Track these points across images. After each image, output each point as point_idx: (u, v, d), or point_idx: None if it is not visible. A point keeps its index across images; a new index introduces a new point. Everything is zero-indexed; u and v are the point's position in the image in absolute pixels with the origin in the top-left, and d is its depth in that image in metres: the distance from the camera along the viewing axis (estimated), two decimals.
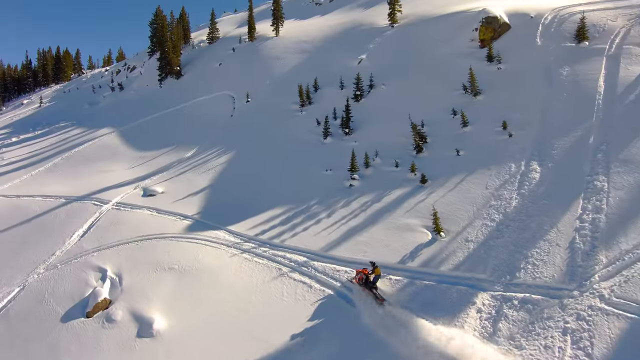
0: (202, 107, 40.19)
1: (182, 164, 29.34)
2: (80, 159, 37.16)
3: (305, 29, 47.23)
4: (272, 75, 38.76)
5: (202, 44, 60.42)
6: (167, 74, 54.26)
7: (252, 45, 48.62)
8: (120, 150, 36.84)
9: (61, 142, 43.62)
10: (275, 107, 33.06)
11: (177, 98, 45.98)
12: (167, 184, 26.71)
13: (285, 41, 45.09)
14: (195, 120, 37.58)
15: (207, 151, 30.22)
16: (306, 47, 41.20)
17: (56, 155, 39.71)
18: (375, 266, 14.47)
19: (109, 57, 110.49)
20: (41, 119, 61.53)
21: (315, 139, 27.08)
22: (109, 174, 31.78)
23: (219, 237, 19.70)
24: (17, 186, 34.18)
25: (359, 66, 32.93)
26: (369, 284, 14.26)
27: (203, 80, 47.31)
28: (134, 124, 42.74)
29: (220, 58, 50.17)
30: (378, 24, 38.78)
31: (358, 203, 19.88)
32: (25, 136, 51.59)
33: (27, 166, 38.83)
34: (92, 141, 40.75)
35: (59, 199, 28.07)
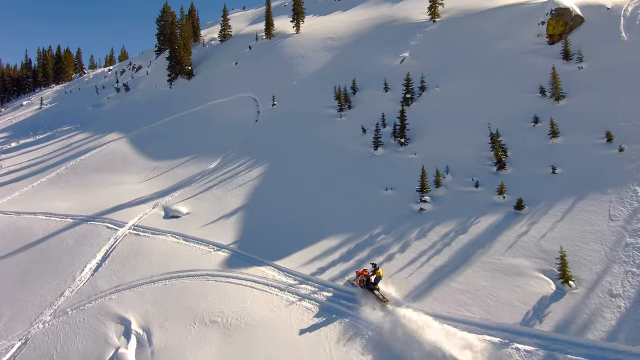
0: (220, 110, 36.20)
1: (207, 178, 25.37)
2: (87, 168, 33.14)
3: (328, 25, 43.29)
4: (298, 76, 34.81)
5: (213, 42, 56.37)
6: (177, 74, 50.24)
7: (270, 43, 44.63)
8: (131, 159, 32.83)
9: (65, 149, 39.58)
10: (307, 111, 29.13)
11: (190, 100, 41.97)
12: (192, 203, 22.73)
13: (308, 38, 41.14)
14: (214, 126, 33.60)
15: (233, 162, 26.26)
16: (334, 45, 37.26)
17: (60, 163, 35.67)
18: (376, 267, 13.99)
19: (111, 57, 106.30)
20: (42, 122, 57.52)
21: (363, 149, 23.17)
22: (120, 187, 27.81)
23: (267, 277, 15.80)
24: (17, 200, 30.18)
25: (401, 65, 29.06)
26: (370, 285, 13.84)
27: (218, 81, 43.32)
28: (144, 129, 38.71)
29: (235, 57, 46.15)
30: (415, 19, 34.88)
31: (436, 234, 16.02)
32: (26, 141, 47.54)
33: (28, 176, 34.79)
34: (99, 148, 36.71)
35: (65, 219, 24.10)
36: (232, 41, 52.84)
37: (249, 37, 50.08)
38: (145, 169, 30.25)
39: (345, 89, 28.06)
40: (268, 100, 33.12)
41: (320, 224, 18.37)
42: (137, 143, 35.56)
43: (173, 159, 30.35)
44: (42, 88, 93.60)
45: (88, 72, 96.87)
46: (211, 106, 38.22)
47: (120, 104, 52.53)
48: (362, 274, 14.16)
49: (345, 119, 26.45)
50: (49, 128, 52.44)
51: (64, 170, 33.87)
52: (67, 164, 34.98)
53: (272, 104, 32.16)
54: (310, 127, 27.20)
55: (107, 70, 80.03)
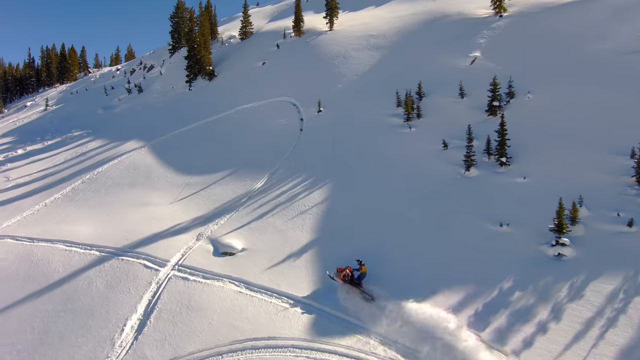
0: (253, 116, 31.96)
1: (255, 201, 21.22)
2: (107, 183, 28.90)
3: (365, 22, 39.04)
4: (343, 78, 30.60)
5: (233, 40, 51.97)
6: (195, 74, 45.91)
7: (301, 41, 40.33)
8: (157, 172, 28.60)
9: (78, 158, 35.30)
10: (363, 120, 24.98)
11: (215, 104, 37.70)
12: (245, 235, 18.56)
13: (345, 36, 36.88)
14: (250, 135, 29.39)
15: (284, 181, 22.10)
16: (378, 43, 33.03)
17: (75, 176, 31.41)
18: (362, 264, 14.22)
19: (117, 55, 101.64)
20: (49, 126, 53.16)
21: (449, 169, 19.04)
22: (150, 208, 23.63)
23: (377, 354, 11.73)
24: (28, 221, 25.98)
25: (473, 67, 24.91)
26: (354, 282, 14.01)
27: (244, 83, 39.01)
28: (167, 137, 34.45)
29: (261, 56, 41.82)
30: (473, 14, 30.68)
31: (597, 293, 11.98)
32: (33, 147, 43.21)
33: (39, 190, 30.53)
34: (117, 159, 32.44)
35: (89, 251, 19.96)
36: (254, 39, 48.49)
37: (274, 35, 45.75)
38: (176, 186, 26.05)
39: (409, 93, 23.90)
40: (311, 106, 28.92)
41: (419, 272, 14.29)
42: (162, 153, 31.30)
43: (207, 173, 26.16)
44: (45, 88, 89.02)
45: (93, 72, 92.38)
46: (242, 111, 33.98)
47: (134, 107, 48.21)
48: (346, 269, 14.25)
49: (415, 130, 22.28)
50: (57, 133, 48.07)
51: (81, 185, 29.63)
52: (83, 177, 30.72)
53: (317, 111, 27.96)
54: (371, 139, 23.04)
55: (115, 69, 75.48)
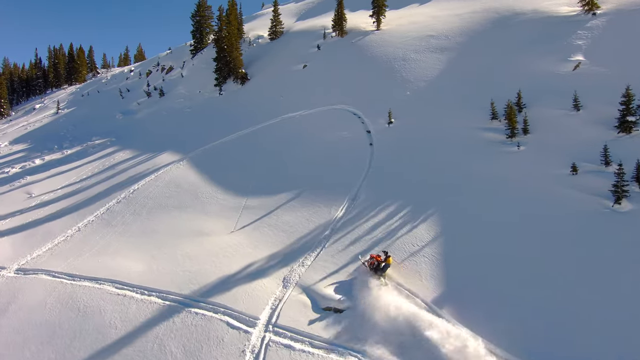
0: (306, 127, 28.39)
1: (343, 235, 17.67)
2: (147, 204, 25.32)
3: (415, 21, 35.48)
4: (408, 84, 27.05)
5: (261, 40, 48.26)
6: (225, 77, 42.26)
7: (345, 42, 36.71)
8: (204, 192, 25.02)
9: (107, 172, 31.65)
10: (450, 134, 21.48)
11: (253, 112, 34.13)
12: (347, 282, 15.07)
13: (398, 37, 33.30)
14: (306, 148, 25.84)
15: (372, 209, 18.56)
16: (441, 45, 29.48)
17: (107, 194, 27.79)
18: (387, 255, 14.61)
19: (126, 55, 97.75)
20: (64, 131, 49.43)
21: (589, 200, 15.55)
22: (208, 239, 20.09)
23: None
24: (62, 251, 22.44)
25: (576, 72, 21.38)
26: (379, 271, 14.38)
27: (283, 88, 35.42)
28: (205, 148, 30.82)
29: (299, 58, 38.19)
30: (555, 12, 27.15)
31: None
32: (52, 157, 39.53)
33: (69, 211, 26.93)
34: (154, 174, 28.81)
35: (148, 297, 16.46)
36: (286, 39, 44.80)
37: (309, 35, 42.11)
38: (231, 210, 22.52)
39: (510, 104, 20.39)
40: (378, 116, 25.39)
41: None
42: (204, 168, 27.70)
43: (265, 195, 22.66)
44: (53, 89, 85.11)
45: (102, 72, 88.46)
46: (289, 120, 30.40)
47: (157, 112, 44.52)
48: (375, 258, 14.78)
49: (525, 149, 18.76)
50: (75, 140, 44.39)
51: (116, 206, 26.02)
52: (118, 196, 27.11)
53: (387, 122, 24.42)
54: (467, 159, 19.53)
55: (128, 70, 71.61)
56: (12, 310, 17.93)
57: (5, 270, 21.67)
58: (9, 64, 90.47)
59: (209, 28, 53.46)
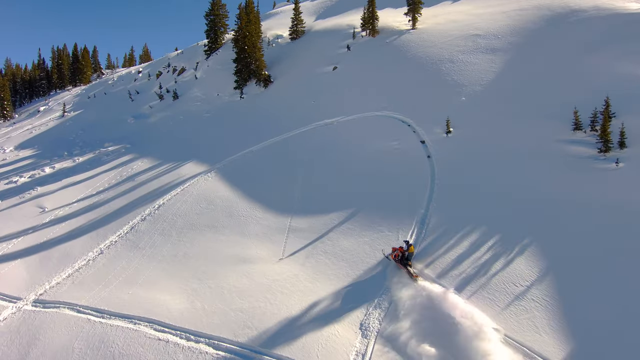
0: (345, 135, 25.74)
1: (419, 270, 15.04)
2: (177, 222, 22.64)
3: (454, 19, 32.83)
4: (462, 88, 24.40)
5: (280, 40, 45.52)
6: (245, 80, 39.54)
7: (378, 42, 34.04)
8: (239, 209, 22.35)
9: (125, 184, 28.92)
10: (523, 146, 18.85)
11: (280, 117, 31.47)
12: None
13: (437, 35, 30.65)
14: (351, 159, 23.20)
15: (452, 238, 15.89)
16: (491, 45, 26.85)
17: (129, 210, 25.09)
18: (409, 244, 14.85)
19: (131, 56, 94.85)
20: (73, 136, 46.68)
21: None
22: (255, 269, 17.43)
23: None
24: (85, 278, 19.80)
25: None
26: (404, 260, 14.62)
27: (312, 92, 32.77)
28: (233, 158, 28.11)
29: (328, 59, 35.50)
30: (622, 8, 24.61)
31: None
32: (62, 165, 36.76)
33: (88, 229, 24.26)
34: (180, 187, 26.11)
35: (197, 344, 13.84)
36: (309, 39, 42.08)
37: (334, 34, 39.43)
38: (274, 231, 19.86)
39: (595, 112, 17.80)
40: (432, 125, 22.75)
41: None
42: (237, 182, 25.01)
43: (314, 214, 20.01)
44: (57, 91, 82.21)
45: (107, 73, 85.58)
46: (325, 128, 27.74)
47: (173, 117, 41.79)
48: (398, 250, 15.00)
49: (626, 165, 16.15)
50: (86, 146, 41.63)
51: (141, 224, 23.34)
52: (142, 212, 24.42)
53: (445, 132, 21.78)
54: (555, 176, 16.87)
55: (136, 72, 68.68)
56: (34, 356, 15.28)
57: (22, 301, 19.04)
58: (11, 65, 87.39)
59: (223, 27, 50.68)
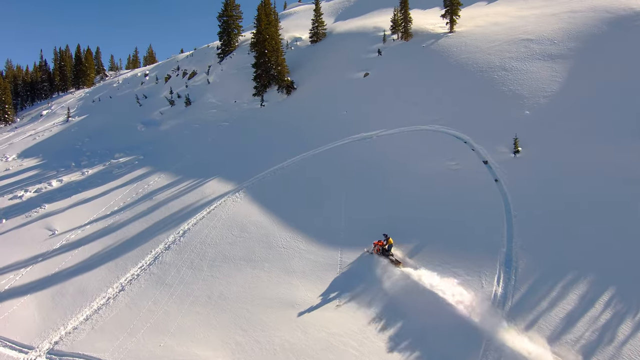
0: (389, 153, 22.95)
1: (521, 330, 12.35)
2: (206, 253, 19.82)
3: (496, 22, 30.05)
4: (524, 100, 21.64)
5: (299, 43, 42.65)
6: (265, 86, 36.69)
7: (413, 46, 31.23)
8: (278, 238, 19.57)
9: (143, 203, 26.05)
10: (615, 170, 16.14)
11: (309, 128, 28.65)
12: None
13: (481, 40, 27.87)
14: (400, 182, 20.44)
15: (551, 286, 13.20)
16: (548, 51, 24.10)
17: (151, 235, 22.27)
18: (387, 237, 16.04)
19: (135, 57, 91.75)
20: (80, 144, 43.73)
21: None
22: (312, 319, 14.66)
23: None
24: (106, 323, 17.00)
25: None
26: (385, 252, 15.91)
27: (341, 100, 29.94)
28: (262, 175, 25.29)
29: (357, 64, 32.67)
30: None
31: None
32: (70, 177, 33.87)
33: (105, 259, 21.45)
34: (206, 209, 23.29)
35: None
36: (331, 42, 39.20)
37: (360, 37, 36.58)
38: (325, 268, 17.10)
39: None
40: (494, 142, 19.99)
41: None
42: (271, 204, 22.18)
43: (360, 246, 17.24)
44: (60, 93, 79.08)
45: (111, 75, 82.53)
46: (364, 143, 24.95)
47: (187, 125, 38.91)
48: (378, 244, 16.20)
49: None
50: (94, 156, 38.71)
51: (166, 254, 20.53)
52: (165, 239, 21.61)
53: (512, 151, 19.01)
54: None
55: (142, 74, 65.66)
56: None
57: (35, 351, 16.28)
58: (12, 66, 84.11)
59: (237, 29, 47.73)
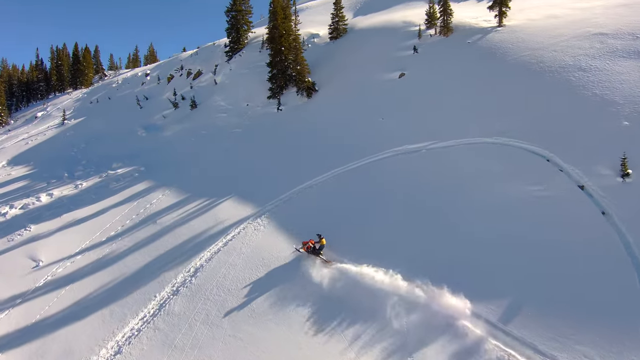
0: (447, 172, 18.53)
1: None
2: (227, 302, 15.37)
3: (555, 14, 25.69)
4: (616, 107, 17.23)
5: (317, 40, 38.17)
6: (281, 87, 32.27)
7: (455, 42, 26.80)
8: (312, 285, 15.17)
9: (145, 228, 21.63)
10: None
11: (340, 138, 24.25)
12: None
13: (544, 36, 23.46)
14: (469, 212, 16.06)
15: None
16: (633, 47, 19.74)
17: (154, 273, 17.84)
18: (321, 237, 15.74)
19: (136, 56, 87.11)
20: (75, 150, 39.32)
21: None
22: None
23: None
24: None
25: None
26: (316, 251, 15.59)
27: (371, 105, 25.56)
28: (289, 195, 20.86)
29: (389, 63, 28.22)
30: None
31: None
32: (62, 191, 29.42)
33: (98, 305, 17.11)
34: (221, 239, 18.83)
35: None
36: (354, 39, 34.76)
37: (388, 33, 32.16)
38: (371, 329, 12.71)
39: None
40: (588, 161, 15.60)
41: None
42: (303, 235, 17.74)
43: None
44: (56, 94, 74.47)
45: (110, 75, 77.92)
46: (411, 157, 20.51)
47: (193, 131, 34.48)
48: (309, 242, 15.86)
49: None
50: (90, 165, 34.25)
51: (175, 301, 16.11)
52: (173, 280, 17.19)
53: (620, 174, 14.64)
54: None
55: (143, 74, 61.05)
56: None
57: None
58: (7, 66, 79.41)
59: (246, 25, 43.19)
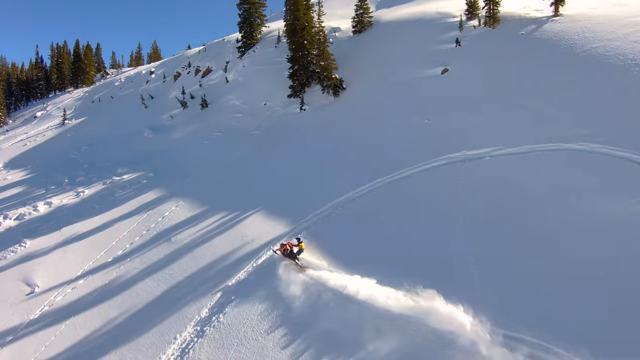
0: (527, 184, 15.39)
1: None
2: (269, 351, 12.25)
3: (620, 2, 22.56)
4: None
5: (338, 34, 35.04)
6: (303, 85, 29.11)
7: (505, 34, 23.67)
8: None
9: (157, 246, 18.45)
10: None
11: (379, 143, 21.13)
12: None
13: (613, 26, 20.36)
14: (564, 235, 12.91)
15: None
16: None
17: (172, 306, 14.68)
18: (300, 241, 14.50)
19: (139, 54, 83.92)
20: (76, 153, 36.25)
21: None
22: None
23: None
24: None
25: None
26: (293, 255, 14.39)
27: (411, 104, 22.46)
28: (327, 209, 17.66)
29: (427, 58, 25.09)
30: None
31: None
32: (61, 200, 26.27)
33: (103, 348, 13.86)
34: (251, 264, 15.66)
35: None
36: (382, 32, 31.63)
37: (422, 25, 29.05)
38: None
39: None
40: None
41: None
42: (354, 260, 14.52)
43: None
44: (57, 92, 71.48)
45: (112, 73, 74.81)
46: (470, 164, 17.36)
47: (205, 133, 31.34)
48: (287, 244, 14.62)
49: None
50: (92, 170, 31.14)
51: (199, 347, 12.97)
52: (196, 316, 14.02)
53: None
54: None
55: (147, 72, 57.91)
56: None
57: None
58: (7, 64, 76.26)
59: (260, 19, 40.03)
